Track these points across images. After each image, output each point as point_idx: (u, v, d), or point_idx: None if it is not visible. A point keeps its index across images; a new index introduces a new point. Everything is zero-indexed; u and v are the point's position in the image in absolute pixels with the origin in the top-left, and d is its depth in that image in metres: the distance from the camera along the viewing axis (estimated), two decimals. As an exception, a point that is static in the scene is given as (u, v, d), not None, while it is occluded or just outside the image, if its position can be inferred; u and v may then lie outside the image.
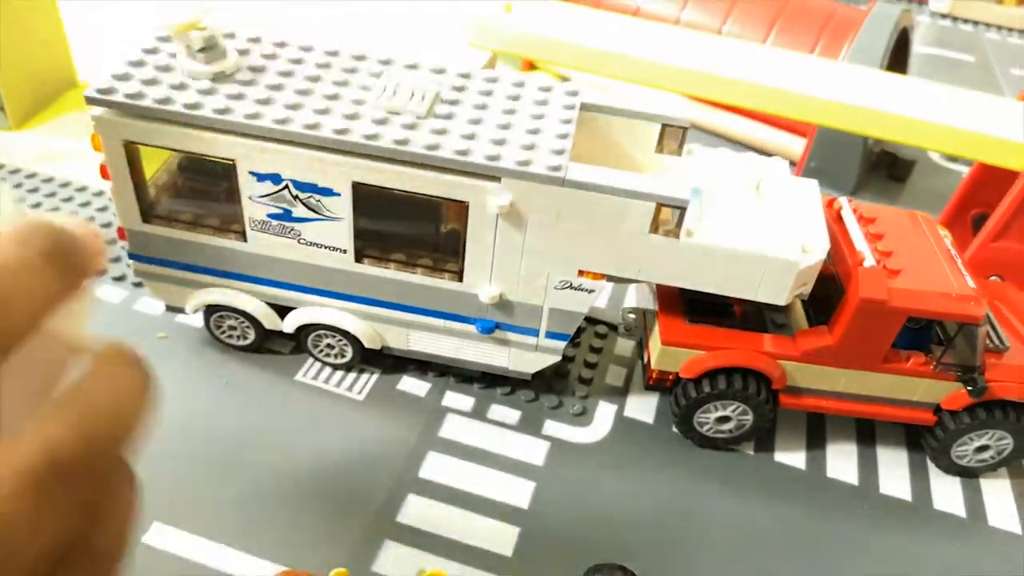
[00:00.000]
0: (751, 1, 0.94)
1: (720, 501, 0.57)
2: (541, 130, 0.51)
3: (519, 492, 0.55)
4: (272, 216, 0.52)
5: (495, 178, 0.48)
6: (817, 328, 0.55)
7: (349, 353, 0.60)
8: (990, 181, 0.76)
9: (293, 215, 0.52)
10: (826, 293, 0.55)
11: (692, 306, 0.56)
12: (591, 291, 0.53)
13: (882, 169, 0.98)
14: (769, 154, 0.97)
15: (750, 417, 0.57)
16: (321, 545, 0.51)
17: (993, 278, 0.72)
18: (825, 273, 0.55)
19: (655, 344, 0.56)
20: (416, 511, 0.53)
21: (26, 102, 0.83)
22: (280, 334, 0.60)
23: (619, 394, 0.64)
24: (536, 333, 0.56)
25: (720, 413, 0.57)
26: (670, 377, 0.57)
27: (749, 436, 0.59)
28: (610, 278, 0.53)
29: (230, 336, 0.61)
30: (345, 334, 0.58)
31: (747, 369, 0.55)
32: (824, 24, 0.90)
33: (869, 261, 0.53)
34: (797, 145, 0.94)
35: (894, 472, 0.60)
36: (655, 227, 0.49)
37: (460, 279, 0.54)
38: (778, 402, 0.57)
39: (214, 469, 0.54)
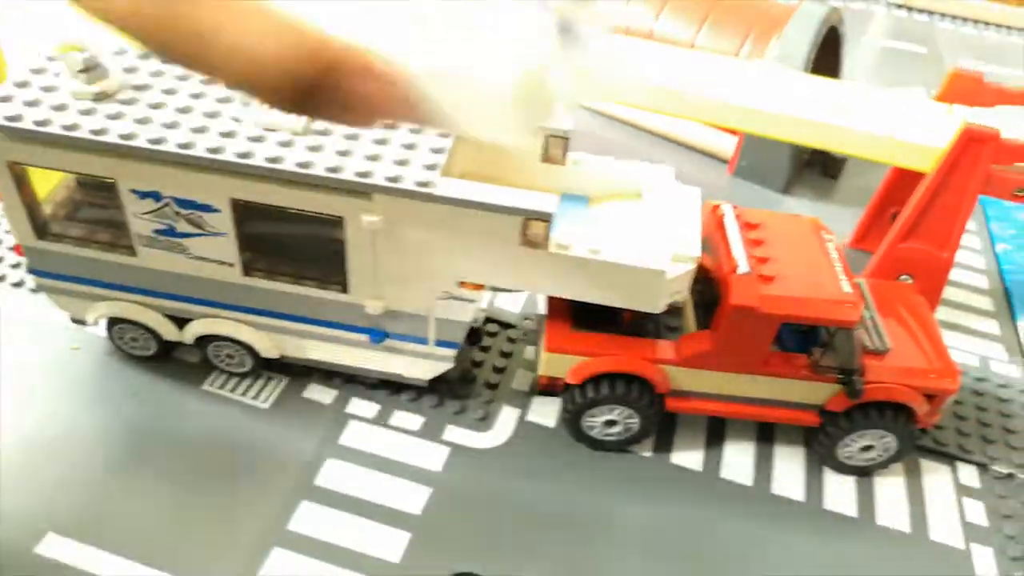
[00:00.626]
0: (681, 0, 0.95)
1: (615, 504, 0.58)
2: (417, 145, 0.52)
3: (413, 498, 0.57)
4: (158, 232, 0.54)
5: (366, 194, 0.49)
6: (699, 333, 0.56)
7: (249, 362, 0.61)
8: (906, 180, 0.76)
9: (177, 231, 0.53)
10: (715, 299, 0.56)
11: (579, 313, 0.57)
12: (472, 301, 0.55)
13: (816, 167, 0.98)
14: (705, 153, 0.98)
15: (636, 420, 0.58)
16: (212, 553, 0.52)
17: (903, 278, 0.73)
18: (713, 278, 0.56)
19: (541, 350, 0.57)
20: (308, 518, 0.55)
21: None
22: (186, 344, 0.62)
23: (524, 399, 0.65)
24: (425, 341, 0.58)
25: (606, 417, 0.58)
26: (558, 382, 0.58)
27: (637, 439, 0.60)
28: (493, 288, 0.54)
29: (133, 347, 0.62)
30: (242, 344, 0.59)
31: (630, 374, 0.56)
32: (753, 23, 0.91)
33: (743, 268, 0.54)
34: (732, 144, 0.95)
35: (789, 473, 0.61)
36: (524, 239, 0.50)
37: (346, 291, 0.55)
38: (664, 405, 0.58)
39: (114, 479, 0.56)
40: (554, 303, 0.58)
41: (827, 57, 0.95)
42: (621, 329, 0.58)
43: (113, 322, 0.60)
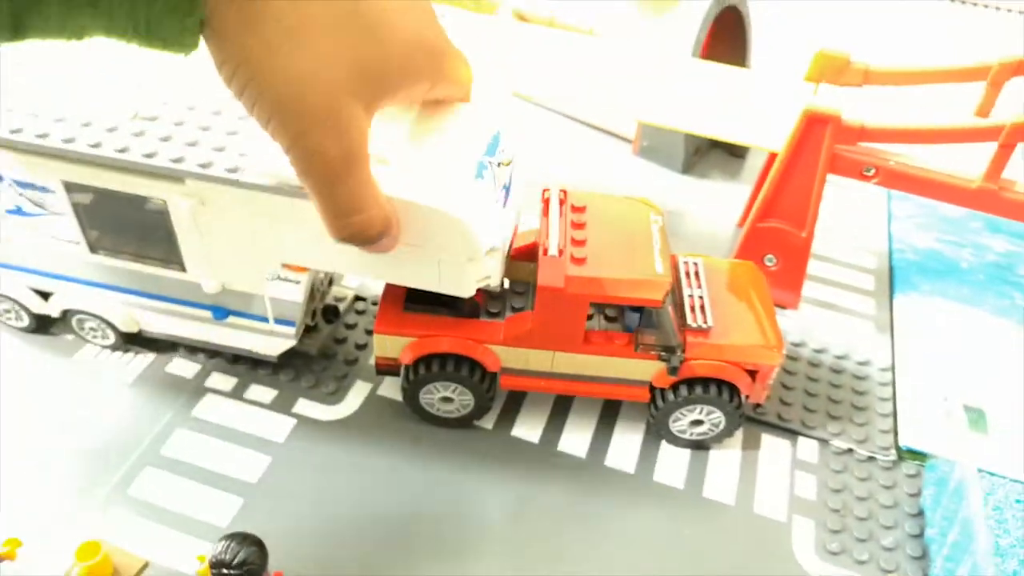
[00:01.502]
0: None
1: (445, 475, 0.60)
2: (239, 132, 0.54)
3: (253, 467, 0.60)
4: (9, 211, 0.57)
5: (180, 179, 0.52)
6: (523, 314, 0.58)
7: (112, 335, 0.64)
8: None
9: (25, 210, 0.57)
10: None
11: (414, 294, 0.59)
12: (298, 282, 0.57)
13: (723, 146, 0.99)
14: (611, 135, 1.00)
15: (470, 397, 0.61)
16: (56, 515, 0.55)
17: (768, 257, 0.74)
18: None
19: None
20: (150, 484, 0.58)
21: None
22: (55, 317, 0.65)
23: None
24: (266, 320, 0.60)
25: (442, 394, 0.61)
26: (396, 362, 0.60)
27: (475, 415, 0.62)
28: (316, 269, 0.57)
29: (8, 319, 0.66)
30: (100, 318, 0.63)
31: (458, 354, 0.59)
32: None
33: (552, 251, 0.55)
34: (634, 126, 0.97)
35: (624, 447, 0.64)
36: (330, 223, 0.52)
37: (183, 270, 0.58)
38: (496, 383, 0.61)
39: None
40: (390, 285, 0.61)
41: (730, 40, 0.96)
42: (458, 310, 0.60)
43: (-18, 296, 0.64)
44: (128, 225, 0.58)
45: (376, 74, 0.38)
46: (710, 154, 0.99)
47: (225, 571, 0.44)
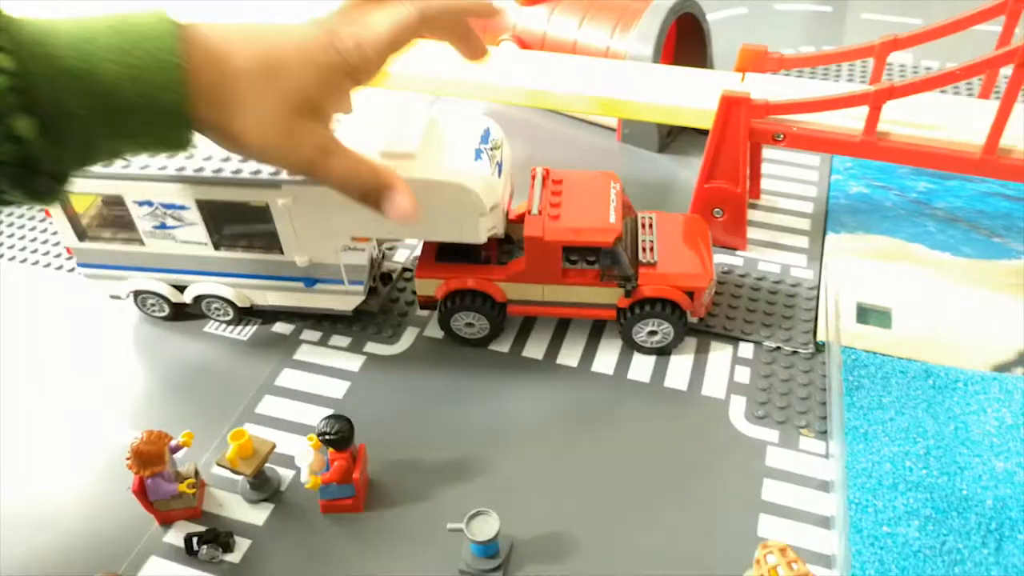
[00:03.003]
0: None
1: (475, 386, 0.83)
2: (310, 152, 0.78)
3: (337, 389, 0.84)
4: (155, 227, 0.82)
5: (278, 186, 0.77)
6: (519, 259, 0.81)
7: (231, 311, 0.90)
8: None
9: (167, 225, 0.82)
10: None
11: (443, 249, 0.83)
12: (363, 250, 0.81)
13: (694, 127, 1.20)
14: (598, 125, 1.22)
15: (486, 322, 0.84)
16: (203, 426, 0.80)
17: (717, 210, 0.96)
18: (528, 220, 0.80)
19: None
20: (269, 405, 0.83)
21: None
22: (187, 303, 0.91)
23: (425, 321, 0.91)
24: (342, 282, 0.85)
25: (466, 320, 0.84)
26: (432, 298, 0.84)
27: (492, 336, 0.86)
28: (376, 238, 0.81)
29: (153, 310, 0.91)
30: (223, 299, 0.88)
31: (475, 290, 0.82)
32: (618, 18, 1.13)
33: (534, 211, 0.78)
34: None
35: (606, 357, 0.86)
36: (378, 206, 0.76)
37: (282, 252, 0.83)
38: (505, 310, 0.84)
39: (151, 391, 0.85)
40: (426, 244, 0.84)
41: (693, 41, 1.17)
42: (475, 259, 0.83)
43: (136, 293, 0.90)
44: (240, 224, 0.83)
45: (302, 97, 0.55)
46: (683, 135, 1.20)
47: (326, 436, 0.68)
